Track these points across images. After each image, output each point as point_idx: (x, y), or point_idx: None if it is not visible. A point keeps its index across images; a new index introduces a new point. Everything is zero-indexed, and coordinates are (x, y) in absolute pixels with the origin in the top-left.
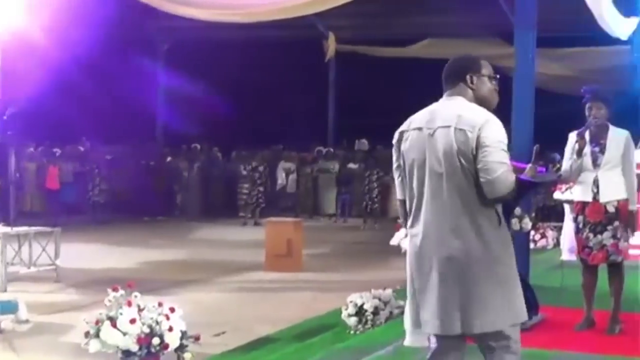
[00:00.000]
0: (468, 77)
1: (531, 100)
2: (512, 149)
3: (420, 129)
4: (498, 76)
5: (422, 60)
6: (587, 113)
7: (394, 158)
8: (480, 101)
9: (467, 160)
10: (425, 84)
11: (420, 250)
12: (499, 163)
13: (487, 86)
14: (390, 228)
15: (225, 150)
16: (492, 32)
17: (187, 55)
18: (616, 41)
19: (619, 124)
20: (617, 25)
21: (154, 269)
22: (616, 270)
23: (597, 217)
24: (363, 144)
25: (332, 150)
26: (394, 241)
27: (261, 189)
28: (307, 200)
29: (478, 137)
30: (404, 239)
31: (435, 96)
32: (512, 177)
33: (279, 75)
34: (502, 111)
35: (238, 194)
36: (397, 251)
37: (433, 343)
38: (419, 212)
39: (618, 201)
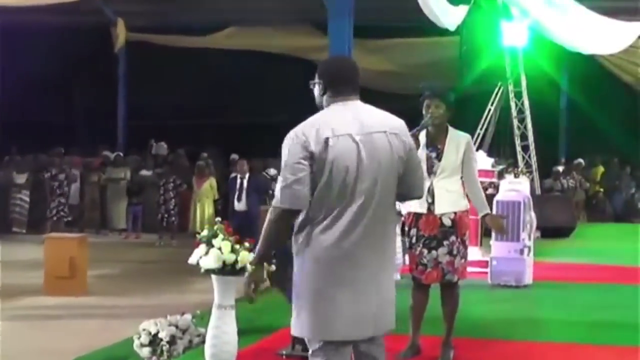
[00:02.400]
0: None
1: None
2: None
3: (349, 135)
4: None
5: (226, 51)
6: (424, 111)
7: (303, 165)
8: None
9: (401, 164)
10: (231, 78)
11: (347, 254)
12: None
13: None
14: (189, 245)
15: None
16: (303, 20)
17: None
18: (444, 32)
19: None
20: (445, 14)
21: None
22: (451, 291)
23: (432, 231)
24: (162, 147)
25: (122, 155)
26: (193, 260)
27: (62, 200)
28: (93, 212)
29: (406, 142)
30: (204, 257)
31: (243, 91)
32: None
33: (61, 67)
34: (315, 110)
35: (11, 205)
36: (197, 271)
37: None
38: (346, 218)
39: (455, 213)
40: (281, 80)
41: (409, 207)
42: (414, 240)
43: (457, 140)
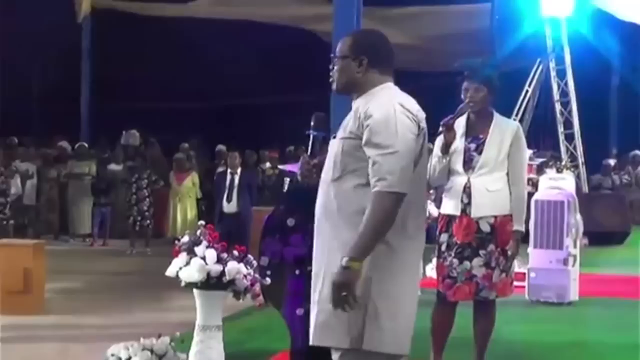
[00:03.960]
0: None
1: None
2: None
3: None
4: None
5: (210, 21)
6: (462, 95)
7: (414, 145)
8: None
9: None
10: (216, 54)
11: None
12: None
13: None
14: (167, 253)
15: None
16: None
17: None
18: None
19: None
20: None
21: None
22: (486, 309)
23: (466, 237)
24: (133, 136)
25: (86, 145)
26: (171, 271)
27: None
28: (51, 215)
29: None
30: (185, 268)
31: (231, 68)
32: None
33: (15, 41)
34: (321, 89)
35: None
36: (176, 285)
37: None
38: (419, 210)
39: (495, 217)
40: (276, 55)
41: (443, 208)
42: (443, 247)
43: (503, 129)
